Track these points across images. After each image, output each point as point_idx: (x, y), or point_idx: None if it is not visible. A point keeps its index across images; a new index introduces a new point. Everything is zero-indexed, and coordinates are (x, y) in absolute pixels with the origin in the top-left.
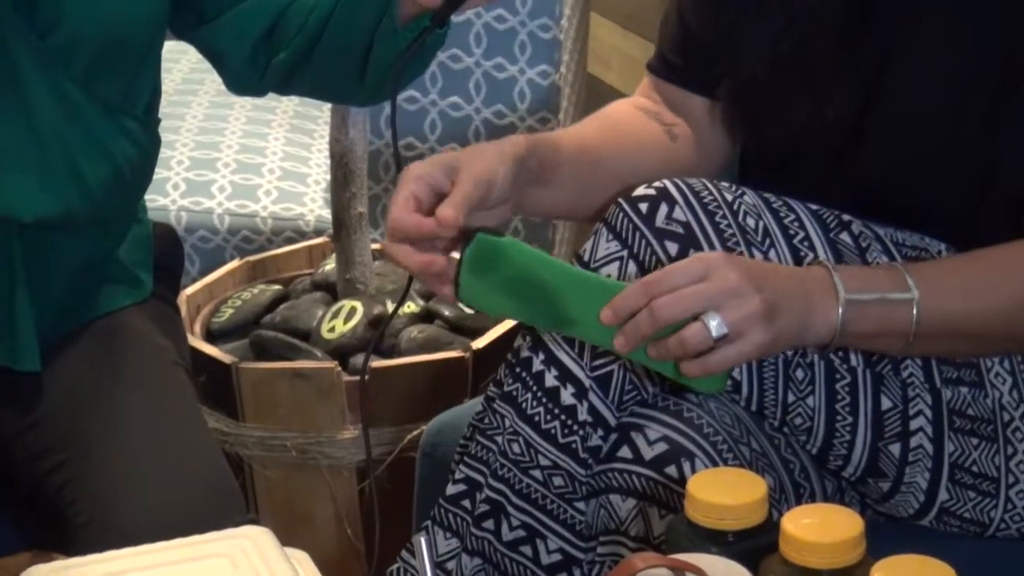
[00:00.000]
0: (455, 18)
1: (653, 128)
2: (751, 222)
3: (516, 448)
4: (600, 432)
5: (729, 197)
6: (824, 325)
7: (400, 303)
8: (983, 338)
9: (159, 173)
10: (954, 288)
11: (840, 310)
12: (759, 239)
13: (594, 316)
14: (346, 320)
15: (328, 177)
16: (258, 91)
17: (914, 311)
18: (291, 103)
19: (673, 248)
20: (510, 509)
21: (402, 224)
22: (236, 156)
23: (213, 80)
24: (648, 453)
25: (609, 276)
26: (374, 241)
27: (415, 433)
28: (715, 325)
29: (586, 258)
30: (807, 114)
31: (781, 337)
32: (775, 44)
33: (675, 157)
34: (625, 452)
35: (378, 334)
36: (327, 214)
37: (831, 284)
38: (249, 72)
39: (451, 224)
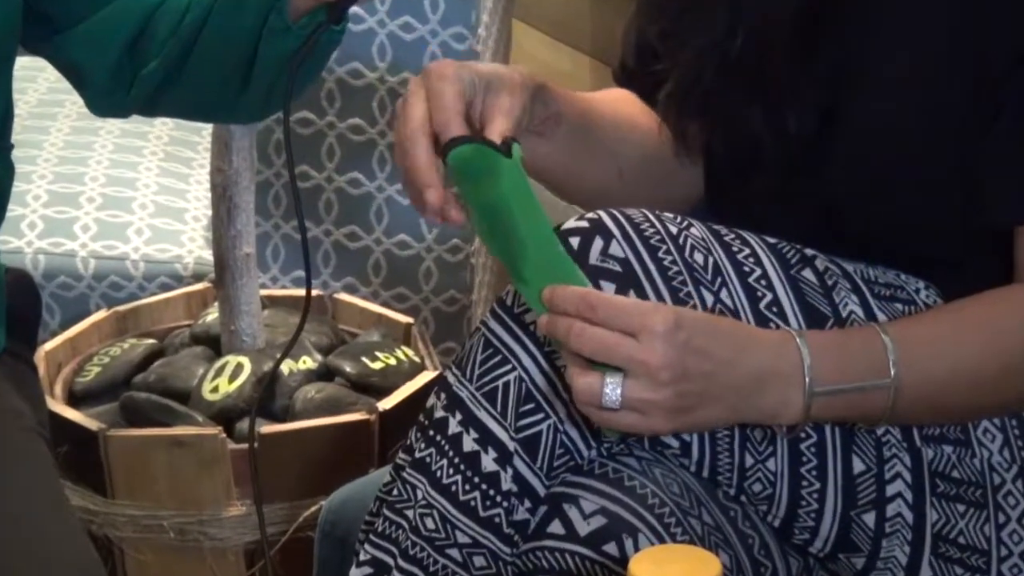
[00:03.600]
0: (354, 28)
1: (648, 119)
2: (699, 258)
3: (430, 523)
4: (527, 504)
5: (674, 230)
6: (783, 418)
7: (285, 353)
8: (967, 409)
9: (12, 210)
10: (936, 363)
11: (804, 402)
12: (708, 278)
13: (540, 287)
14: (231, 379)
15: (209, 213)
16: (124, 110)
17: (891, 396)
18: (165, 127)
19: (610, 289)
20: None
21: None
22: (102, 190)
23: (75, 102)
24: (583, 528)
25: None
26: (263, 287)
27: (313, 509)
28: (609, 392)
29: (508, 302)
30: (759, 126)
31: (701, 426)
32: (721, 45)
33: (664, 156)
34: (556, 527)
35: (261, 391)
36: (208, 256)
37: (800, 377)
38: (113, 88)
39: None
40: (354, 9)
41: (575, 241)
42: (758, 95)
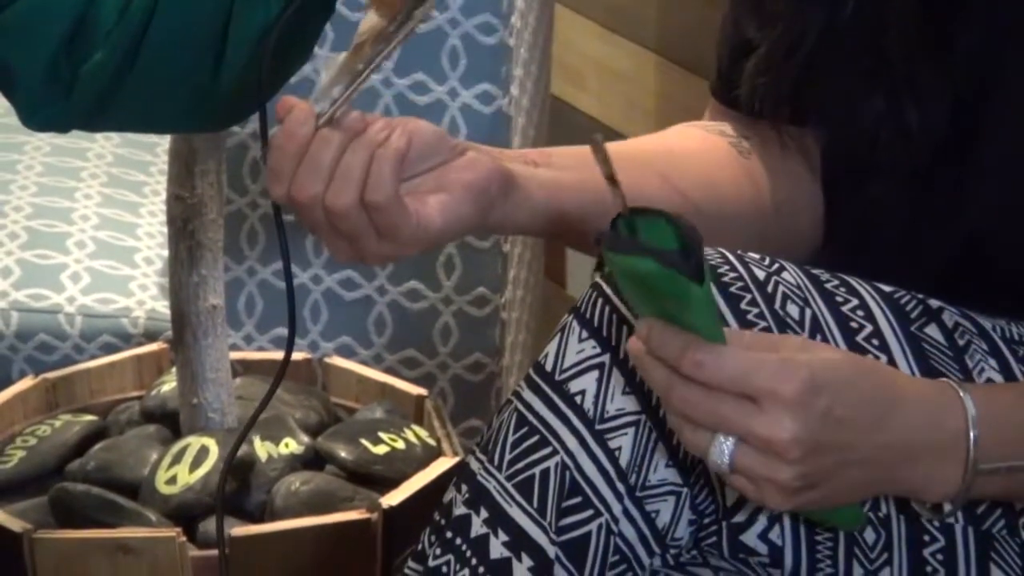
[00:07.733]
0: (352, 13)
1: (714, 139)
2: (793, 311)
3: None
4: None
5: (761, 275)
6: (930, 494)
7: (246, 428)
8: None
9: None
10: None
11: (964, 481)
12: (806, 335)
13: None
14: (193, 467)
15: (165, 254)
16: (65, 120)
17: None
18: (109, 143)
19: None
20: None
21: None
22: (27, 223)
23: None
24: None
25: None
26: (235, 348)
27: None
28: (715, 455)
29: (549, 367)
30: (877, 117)
31: (823, 503)
32: (828, 9)
33: (750, 178)
34: None
35: (232, 482)
36: (164, 308)
37: (961, 450)
38: (49, 92)
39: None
40: None
41: None
42: (872, 77)
